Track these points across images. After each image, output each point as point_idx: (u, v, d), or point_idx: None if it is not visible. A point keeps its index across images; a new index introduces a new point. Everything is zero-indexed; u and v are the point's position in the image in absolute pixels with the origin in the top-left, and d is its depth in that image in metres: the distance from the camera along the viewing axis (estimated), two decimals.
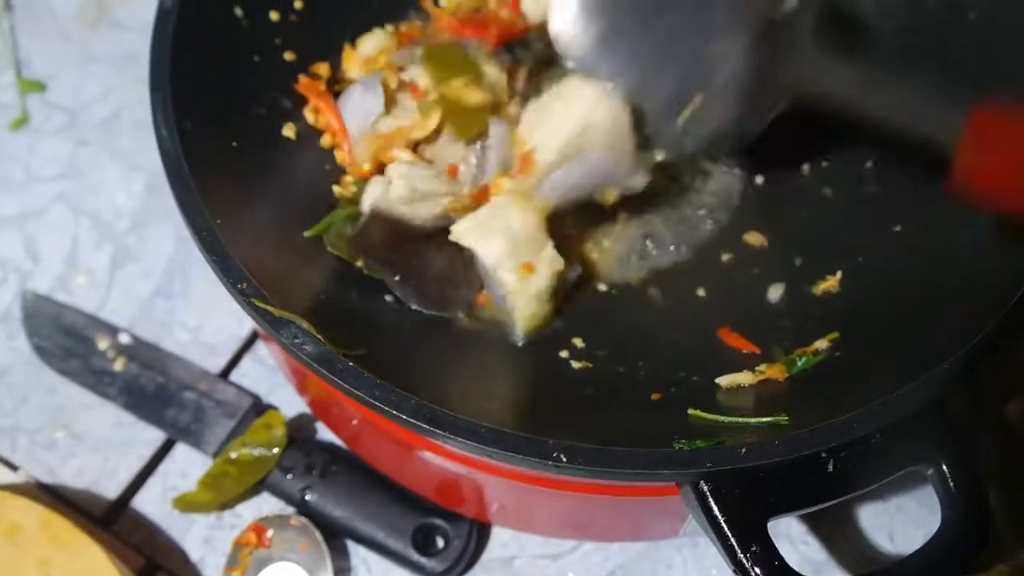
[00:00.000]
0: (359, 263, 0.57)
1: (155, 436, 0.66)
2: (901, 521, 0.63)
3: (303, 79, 0.63)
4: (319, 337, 0.47)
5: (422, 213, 0.58)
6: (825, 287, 0.58)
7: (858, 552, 0.62)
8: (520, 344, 0.58)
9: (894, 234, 0.58)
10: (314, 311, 0.50)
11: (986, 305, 0.49)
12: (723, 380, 0.53)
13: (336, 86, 0.64)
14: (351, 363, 0.47)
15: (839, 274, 0.58)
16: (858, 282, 0.58)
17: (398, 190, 0.57)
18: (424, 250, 0.58)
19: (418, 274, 0.58)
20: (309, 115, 0.62)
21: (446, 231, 0.57)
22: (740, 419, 0.49)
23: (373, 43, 0.64)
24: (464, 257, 0.57)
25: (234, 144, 0.56)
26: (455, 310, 0.58)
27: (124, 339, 0.69)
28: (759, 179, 0.65)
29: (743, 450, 0.45)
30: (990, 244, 0.53)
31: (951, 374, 0.47)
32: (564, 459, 0.44)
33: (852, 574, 0.62)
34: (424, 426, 0.45)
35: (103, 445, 0.66)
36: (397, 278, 0.57)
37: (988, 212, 0.52)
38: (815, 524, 0.63)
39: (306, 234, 0.58)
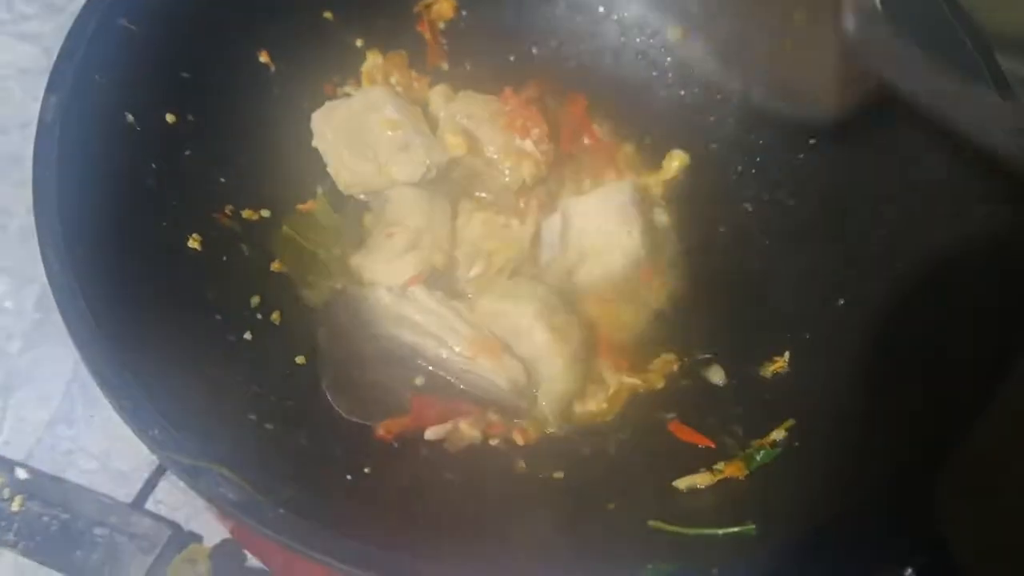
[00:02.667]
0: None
1: None
2: None
3: None
4: (242, 483, 0.43)
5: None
6: (774, 368, 0.56)
7: None
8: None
9: (838, 308, 0.56)
10: (241, 446, 0.46)
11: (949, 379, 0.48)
12: (681, 483, 0.50)
13: None
14: (281, 510, 0.42)
15: (787, 354, 0.56)
16: (809, 362, 0.55)
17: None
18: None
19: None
20: None
21: None
22: (706, 530, 0.46)
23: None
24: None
25: (136, 265, 0.51)
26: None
27: (21, 474, 0.63)
28: None
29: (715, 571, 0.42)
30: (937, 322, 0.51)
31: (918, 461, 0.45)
32: None
33: None
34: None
35: None
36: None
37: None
38: None
39: None
